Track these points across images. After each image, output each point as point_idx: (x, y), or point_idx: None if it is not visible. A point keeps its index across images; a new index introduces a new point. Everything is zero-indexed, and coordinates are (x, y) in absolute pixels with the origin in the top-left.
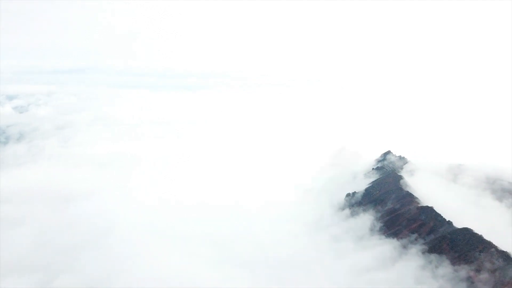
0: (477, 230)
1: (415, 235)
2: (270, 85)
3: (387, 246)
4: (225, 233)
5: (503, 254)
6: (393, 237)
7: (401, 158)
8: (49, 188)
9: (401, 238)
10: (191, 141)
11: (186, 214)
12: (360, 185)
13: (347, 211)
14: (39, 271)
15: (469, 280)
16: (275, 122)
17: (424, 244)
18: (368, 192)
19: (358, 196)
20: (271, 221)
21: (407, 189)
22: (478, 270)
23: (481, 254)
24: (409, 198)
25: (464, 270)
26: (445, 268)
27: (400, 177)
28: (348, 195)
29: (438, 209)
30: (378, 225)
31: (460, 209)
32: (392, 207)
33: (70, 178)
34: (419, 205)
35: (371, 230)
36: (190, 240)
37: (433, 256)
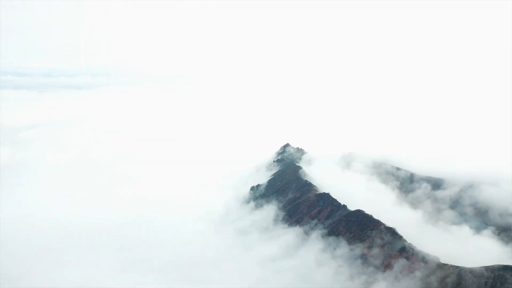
0: (368, 211)
1: (315, 221)
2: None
3: (291, 234)
4: (130, 238)
5: (390, 230)
6: (296, 225)
7: (299, 149)
8: None
9: (303, 225)
10: (86, 142)
11: (88, 223)
12: (264, 178)
13: (252, 203)
14: None
15: (363, 257)
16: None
17: (323, 228)
18: (270, 184)
19: (262, 188)
20: (178, 222)
21: (306, 178)
22: (370, 247)
23: (372, 232)
24: (308, 186)
25: (358, 249)
26: (343, 248)
27: (299, 168)
28: (252, 188)
29: (334, 194)
30: (282, 214)
31: (353, 193)
32: (293, 196)
33: None
34: (317, 192)
35: (275, 220)
36: (94, 249)
37: (331, 239)
